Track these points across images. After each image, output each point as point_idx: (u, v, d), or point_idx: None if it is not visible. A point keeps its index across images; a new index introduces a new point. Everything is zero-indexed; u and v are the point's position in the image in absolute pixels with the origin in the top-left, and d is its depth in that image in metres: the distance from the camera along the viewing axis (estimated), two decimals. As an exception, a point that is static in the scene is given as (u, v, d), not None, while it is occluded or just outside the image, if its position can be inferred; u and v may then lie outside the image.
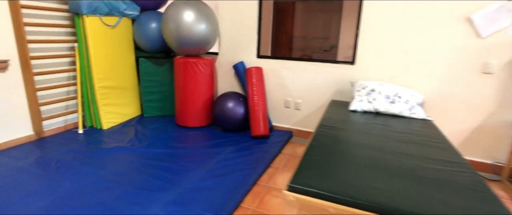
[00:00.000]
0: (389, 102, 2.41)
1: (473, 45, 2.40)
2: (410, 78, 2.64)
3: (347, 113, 2.44)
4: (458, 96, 2.53)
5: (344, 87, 2.90)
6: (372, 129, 2.02)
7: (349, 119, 2.24)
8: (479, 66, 2.42)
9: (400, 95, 2.42)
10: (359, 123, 2.14)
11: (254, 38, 3.19)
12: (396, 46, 2.63)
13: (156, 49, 3.36)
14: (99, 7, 2.81)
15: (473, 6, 2.33)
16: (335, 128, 2.01)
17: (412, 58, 2.60)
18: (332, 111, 2.48)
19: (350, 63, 2.87)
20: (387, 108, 2.40)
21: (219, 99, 3.12)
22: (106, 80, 3.05)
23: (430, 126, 2.16)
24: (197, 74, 3.08)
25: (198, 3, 2.97)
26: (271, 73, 3.18)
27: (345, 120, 2.20)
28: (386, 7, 2.59)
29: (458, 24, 2.41)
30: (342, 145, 1.71)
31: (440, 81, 2.56)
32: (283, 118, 3.26)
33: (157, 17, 3.27)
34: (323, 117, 2.31)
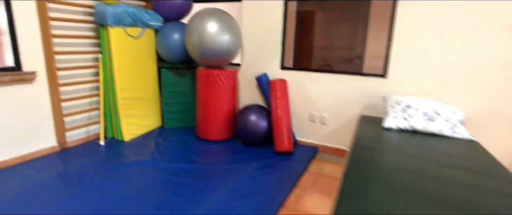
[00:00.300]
0: (427, 120, 2.22)
1: (523, 59, 2.18)
2: (449, 94, 2.44)
3: (381, 130, 2.27)
4: (504, 113, 2.30)
5: (375, 102, 2.73)
6: (413, 150, 1.84)
7: (384, 138, 2.07)
8: (530, 82, 2.19)
9: (440, 113, 2.23)
10: (397, 143, 1.97)
11: (278, 49, 3.08)
12: (433, 58, 2.45)
13: (178, 60, 3.32)
14: (124, 19, 2.80)
15: (523, 16, 2.12)
16: (371, 148, 1.85)
17: (451, 71, 2.40)
18: (364, 128, 2.32)
19: (381, 76, 2.70)
20: (425, 126, 2.21)
21: (241, 112, 3.02)
22: (129, 92, 3.02)
23: (478, 147, 1.95)
24: (219, 86, 3.00)
25: (221, 14, 2.91)
26: (296, 86, 3.06)
27: (380, 139, 2.04)
28: (422, 16, 2.42)
29: (503, 34, 2.20)
30: (383, 170, 1.55)
31: (483, 96, 2.34)
32: (307, 132, 3.11)
33: (180, 27, 3.24)
34: (356, 135, 2.15)
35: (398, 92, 2.62)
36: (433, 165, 1.63)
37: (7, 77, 2.34)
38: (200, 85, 3.09)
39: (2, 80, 2.32)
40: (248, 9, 3.14)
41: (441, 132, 2.17)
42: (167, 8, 3.16)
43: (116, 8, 2.71)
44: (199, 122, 3.18)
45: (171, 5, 3.14)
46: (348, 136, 2.91)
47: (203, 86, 3.05)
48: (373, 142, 1.97)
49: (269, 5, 3.02)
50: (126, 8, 2.80)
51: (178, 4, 3.16)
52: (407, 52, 2.53)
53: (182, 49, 3.23)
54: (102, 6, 2.68)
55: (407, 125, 2.26)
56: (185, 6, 3.23)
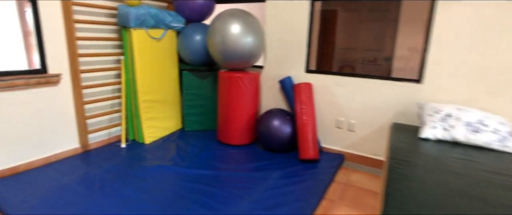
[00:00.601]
0: (471, 131, 2.01)
1: None
2: (495, 102, 2.22)
3: (417, 141, 2.09)
4: (560, 125, 2.05)
5: (408, 109, 2.54)
6: (457, 166, 1.66)
7: (423, 150, 1.90)
8: None
9: (486, 123, 2.02)
10: (437, 157, 1.79)
11: (303, 52, 2.94)
12: (476, 62, 2.23)
13: (199, 62, 3.25)
14: (146, 20, 2.76)
15: None
16: (411, 163, 1.68)
17: (496, 76, 2.18)
18: (398, 137, 2.15)
19: (415, 81, 2.51)
20: (469, 138, 2.01)
21: (264, 117, 2.91)
22: (150, 94, 2.98)
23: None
24: (242, 90, 2.90)
25: (245, 15, 2.81)
26: (321, 90, 2.90)
27: (418, 152, 1.86)
28: (465, 15, 2.21)
29: None
30: (425, 189, 1.39)
31: (535, 106, 2.11)
32: (333, 139, 2.95)
33: (202, 29, 3.16)
34: (390, 146, 1.99)
35: (435, 100, 2.42)
36: (482, 184, 1.46)
37: (34, 80, 2.34)
38: (222, 88, 3.00)
39: (29, 83, 2.32)
40: (272, 9, 3.02)
41: (488, 144, 1.96)
42: (189, 9, 3.09)
43: (139, 10, 2.66)
44: (220, 126, 3.10)
45: (193, 6, 3.07)
46: (377, 144, 2.73)
47: (225, 89, 2.96)
48: (411, 155, 1.80)
49: (294, 5, 2.88)
50: (148, 9, 2.75)
51: (200, 5, 3.09)
52: (446, 55, 2.33)
53: (204, 51, 3.16)
54: (125, 8, 2.64)
55: (447, 135, 2.07)
56: (207, 7, 3.15)
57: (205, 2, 3.10)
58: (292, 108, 2.98)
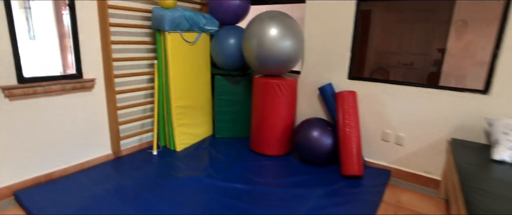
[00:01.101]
0: (559, 154, 1.70)
1: None
2: None
3: (490, 163, 1.80)
4: None
5: (470, 123, 2.23)
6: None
7: (500, 175, 1.61)
8: None
9: None
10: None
11: (346, 56, 2.70)
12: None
13: (233, 66, 3.10)
14: (181, 23, 2.64)
15: None
16: (489, 193, 1.42)
17: None
18: (464, 157, 1.87)
19: (481, 92, 2.20)
20: (556, 163, 1.69)
21: (302, 127, 2.71)
22: (183, 99, 2.88)
23: None
24: (278, 97, 2.72)
25: (284, 17, 2.62)
26: (367, 99, 2.65)
27: (496, 178, 1.58)
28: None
29: None
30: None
31: None
32: (379, 153, 2.69)
33: (236, 32, 3.01)
34: (458, 168, 1.72)
35: (505, 114, 2.10)
36: None
37: (70, 85, 2.30)
38: (257, 95, 2.83)
39: (65, 88, 2.28)
40: (313, 11, 2.81)
41: None
42: (223, 11, 2.95)
43: (174, 13, 2.55)
44: (253, 134, 2.93)
45: (228, 7, 2.93)
46: (430, 161, 2.44)
47: (260, 96, 2.79)
48: (486, 181, 1.54)
49: (338, 5, 2.65)
50: (183, 12, 2.63)
51: (235, 6, 2.94)
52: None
53: (238, 55, 3.01)
54: (161, 11, 2.54)
55: (527, 158, 1.76)
56: (242, 9, 2.99)
57: (240, 3, 2.95)
58: (333, 118, 2.75)
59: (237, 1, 2.92)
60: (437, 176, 2.43)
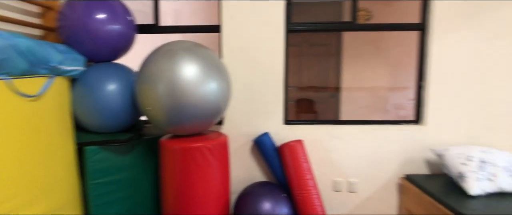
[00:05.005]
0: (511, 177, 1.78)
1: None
2: (495, 137, 2.14)
3: (469, 200, 1.69)
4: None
5: (415, 156, 2.19)
6: None
7: None
8: (562, 116, 2.11)
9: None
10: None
11: (279, 98, 2.19)
12: (473, 98, 2.12)
13: (116, 126, 1.93)
14: (10, 62, 1.31)
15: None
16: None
17: (494, 111, 2.12)
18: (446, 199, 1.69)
19: (414, 122, 2.21)
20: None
21: (243, 201, 1.92)
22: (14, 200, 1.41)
23: None
24: (206, 167, 1.81)
25: (202, 49, 1.82)
26: (310, 146, 2.20)
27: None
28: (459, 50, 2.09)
29: (539, 71, 2.07)
30: None
31: (524, 136, 2.13)
32: (332, 206, 2.26)
33: (119, 73, 1.91)
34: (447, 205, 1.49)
35: (440, 142, 2.16)
36: None
37: None
38: (170, 168, 1.82)
39: None
40: (231, 43, 2.15)
41: (532, 189, 1.75)
42: (93, 41, 1.80)
43: (-14, 39, 1.22)
44: (171, 231, 1.84)
45: (102, 34, 1.81)
46: (385, 202, 2.24)
47: (176, 169, 1.80)
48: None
49: (263, 36, 2.13)
50: (14, 40, 1.32)
51: (115, 34, 1.86)
52: (443, 92, 2.13)
53: (125, 108, 1.89)
54: None
55: (494, 187, 1.76)
56: (125, 38, 1.94)
57: (122, 30, 1.90)
58: (277, 178, 2.12)
59: (117, 26, 1.86)
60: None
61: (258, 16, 2.10)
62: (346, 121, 2.28)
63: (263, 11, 2.10)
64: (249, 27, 2.12)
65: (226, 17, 2.12)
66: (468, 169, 1.81)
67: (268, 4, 2.09)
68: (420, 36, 2.17)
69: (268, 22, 2.11)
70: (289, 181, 1.98)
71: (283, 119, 2.22)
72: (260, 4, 2.09)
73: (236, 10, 2.10)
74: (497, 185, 1.75)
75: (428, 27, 2.11)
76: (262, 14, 2.10)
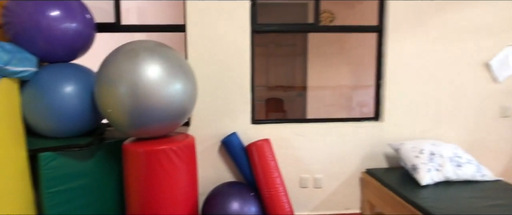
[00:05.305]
0: (456, 166, 1.96)
1: (493, 90, 2.33)
2: (443, 131, 2.34)
3: (420, 189, 1.84)
4: (483, 142, 2.39)
5: (375, 151, 2.33)
6: (493, 213, 1.55)
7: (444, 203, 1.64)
8: (498, 111, 2.36)
9: (460, 155, 2.03)
10: (466, 209, 1.59)
11: (246, 97, 2.22)
12: (423, 95, 2.30)
13: (72, 131, 1.83)
14: None
15: (491, 51, 2.29)
16: None
17: (442, 107, 2.32)
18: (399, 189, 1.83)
19: (374, 119, 2.35)
20: (458, 174, 1.94)
21: (213, 202, 1.92)
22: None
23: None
24: (173, 170, 1.78)
25: (166, 49, 1.79)
26: (277, 144, 2.25)
27: (441, 207, 1.59)
28: (410, 50, 2.26)
29: (479, 70, 2.31)
30: None
31: (467, 130, 2.37)
32: (299, 203, 2.33)
33: (76, 74, 1.81)
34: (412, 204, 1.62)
35: (396, 136, 2.32)
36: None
37: None
38: (134, 173, 1.76)
39: None
40: (197, 43, 2.13)
41: (474, 177, 1.95)
42: (46, 39, 1.69)
43: None
44: (136, 237, 1.78)
45: (56, 33, 1.70)
46: (349, 197, 2.35)
47: (141, 173, 1.74)
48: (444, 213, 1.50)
49: (229, 36, 2.14)
50: None
51: (71, 32, 1.76)
52: (399, 90, 2.29)
53: (82, 111, 1.80)
54: None
55: (441, 176, 1.93)
56: (82, 36, 1.84)
57: (79, 28, 1.80)
58: (245, 176, 2.13)
59: (74, 24, 1.75)
60: (357, 209, 2.36)
61: (224, 16, 2.10)
62: (311, 119, 2.36)
63: (229, 11, 2.10)
64: (214, 27, 2.11)
65: (191, 16, 2.09)
66: (420, 161, 1.97)
67: (234, 4, 2.10)
68: (378, 38, 2.30)
69: (234, 22, 2.12)
70: (257, 180, 2.01)
71: (251, 118, 2.24)
72: (226, 5, 2.09)
73: (201, 10, 2.08)
74: (444, 174, 1.92)
75: (384, 29, 2.25)
76: (228, 15, 2.10)
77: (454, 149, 2.05)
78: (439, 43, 2.25)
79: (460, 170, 1.94)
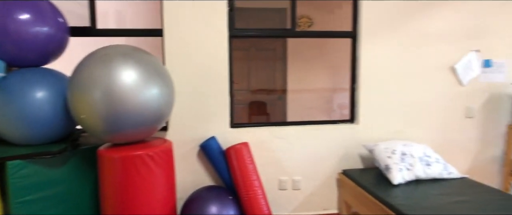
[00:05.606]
0: (425, 165, 2.06)
1: (458, 92, 2.48)
2: (414, 132, 2.45)
3: (392, 189, 1.92)
4: (451, 141, 2.52)
5: (351, 152, 2.40)
6: (458, 209, 1.64)
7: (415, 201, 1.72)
8: (463, 112, 2.51)
9: (429, 155, 2.14)
10: (430, 206, 1.66)
11: (225, 101, 2.23)
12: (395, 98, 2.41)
13: (43, 138, 1.78)
14: None
15: (456, 56, 2.43)
16: None
17: (413, 110, 2.44)
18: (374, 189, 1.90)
19: (349, 121, 2.43)
20: (427, 173, 2.04)
21: (190, 207, 1.92)
22: None
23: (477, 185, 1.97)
24: (150, 175, 1.76)
25: (142, 54, 1.78)
26: (256, 147, 2.27)
27: (411, 205, 1.67)
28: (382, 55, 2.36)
29: (445, 74, 2.45)
30: None
31: (435, 130, 2.49)
32: (278, 204, 2.36)
33: (47, 79, 1.76)
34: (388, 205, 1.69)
35: (371, 138, 2.41)
36: None
37: None
38: (110, 179, 1.73)
39: None
40: (175, 47, 2.13)
41: (441, 175, 2.06)
42: (15, 43, 1.64)
43: None
44: (112, 245, 1.75)
45: (26, 36, 1.65)
46: (326, 197, 2.41)
47: (117, 180, 1.72)
48: (413, 211, 1.58)
49: (207, 41, 2.15)
50: None
51: (42, 36, 1.71)
52: (373, 93, 2.39)
53: (54, 117, 1.75)
54: None
55: (412, 175, 2.02)
56: (54, 40, 1.80)
57: (50, 32, 1.76)
58: (225, 180, 2.14)
59: (45, 28, 1.71)
60: (334, 210, 2.42)
61: (201, 21, 2.12)
62: (290, 122, 2.41)
63: (206, 16, 2.12)
64: (192, 32, 2.12)
65: (168, 21, 2.09)
66: (392, 161, 2.06)
67: (211, 9, 2.12)
68: (352, 43, 2.39)
69: (212, 27, 2.13)
70: (236, 183, 2.02)
71: (230, 122, 2.26)
72: (203, 10, 2.11)
73: (178, 14, 2.09)
74: (414, 173, 2.01)
75: (358, 35, 2.34)
76: (205, 20, 2.12)
77: (424, 149, 2.16)
78: (409, 48, 2.37)
79: (429, 169, 2.04)
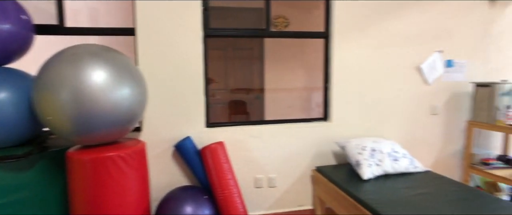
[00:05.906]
0: (393, 160, 2.17)
1: (424, 91, 2.62)
2: (383, 129, 2.57)
3: (362, 184, 2.00)
4: (418, 137, 2.66)
5: (324, 149, 2.47)
6: (413, 199, 1.75)
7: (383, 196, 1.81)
8: (429, 109, 2.65)
9: (397, 150, 2.25)
10: (396, 199, 1.76)
11: (200, 100, 2.23)
12: (366, 96, 2.51)
13: (8, 140, 1.70)
14: None
15: (422, 56, 2.56)
16: None
17: (382, 108, 2.55)
18: (343, 184, 1.98)
19: (323, 119, 2.50)
20: (395, 168, 2.15)
21: (165, 208, 1.90)
22: None
23: (440, 177, 2.09)
24: (122, 177, 1.74)
25: (112, 53, 1.74)
26: (231, 146, 2.29)
27: (380, 200, 1.75)
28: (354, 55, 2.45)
29: (412, 73, 2.57)
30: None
31: (403, 127, 2.62)
32: (254, 202, 2.39)
33: (7, 77, 1.69)
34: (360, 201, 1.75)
35: (343, 135, 2.49)
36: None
37: None
38: (80, 183, 1.69)
39: None
40: (148, 46, 2.10)
41: (407, 169, 2.17)
42: (-28, 42, 1.55)
43: None
44: (83, 249, 1.70)
45: (-16, 36, 1.57)
46: (301, 194, 2.47)
47: (87, 183, 1.67)
48: (384, 205, 1.66)
49: (181, 40, 2.14)
50: None
51: (4, 33, 1.64)
52: (344, 92, 2.47)
53: (17, 119, 1.68)
54: None
55: (381, 170, 2.12)
56: (17, 38, 1.72)
57: (13, 29, 1.68)
58: (200, 180, 2.14)
59: (6, 26, 1.63)
60: (309, 206, 2.48)
61: (175, 20, 2.10)
62: (264, 121, 2.45)
63: (180, 15, 2.10)
64: (166, 31, 2.10)
65: (141, 19, 2.06)
66: (363, 157, 2.14)
67: (184, 8, 2.10)
68: (325, 44, 2.46)
69: (186, 26, 2.12)
70: (211, 183, 2.03)
71: (205, 122, 2.26)
72: (177, 9, 2.09)
73: (151, 13, 2.06)
74: (383, 169, 2.11)
75: (330, 35, 2.41)
76: (179, 19, 2.10)
77: (392, 145, 2.27)
78: (378, 48, 2.47)
79: (397, 163, 2.15)
